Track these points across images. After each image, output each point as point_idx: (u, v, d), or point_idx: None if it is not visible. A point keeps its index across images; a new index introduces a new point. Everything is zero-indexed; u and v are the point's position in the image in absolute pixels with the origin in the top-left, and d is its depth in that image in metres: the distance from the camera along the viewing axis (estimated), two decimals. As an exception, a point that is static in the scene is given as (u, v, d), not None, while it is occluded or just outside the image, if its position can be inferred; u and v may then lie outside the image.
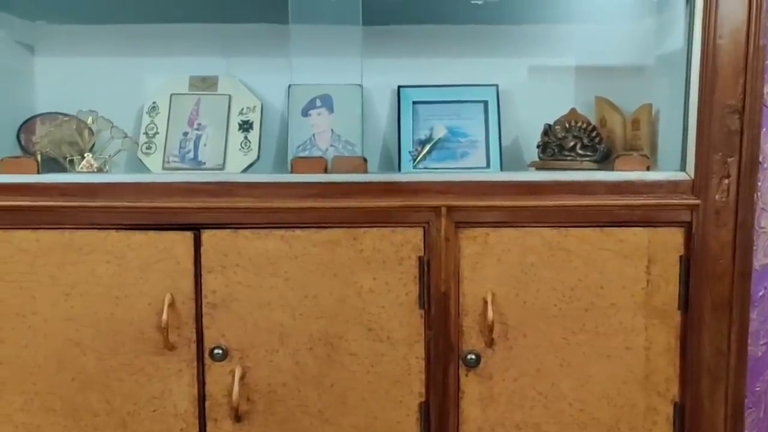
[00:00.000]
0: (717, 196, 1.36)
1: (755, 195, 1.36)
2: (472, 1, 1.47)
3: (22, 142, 1.56)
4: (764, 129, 1.38)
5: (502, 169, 1.58)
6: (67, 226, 1.37)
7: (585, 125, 1.50)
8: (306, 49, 1.51)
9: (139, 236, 1.37)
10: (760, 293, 1.42)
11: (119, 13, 1.58)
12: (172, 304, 1.37)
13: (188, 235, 1.38)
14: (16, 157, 1.43)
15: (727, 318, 1.38)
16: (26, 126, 1.57)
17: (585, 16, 1.58)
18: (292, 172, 1.42)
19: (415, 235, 1.37)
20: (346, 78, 1.60)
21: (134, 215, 1.37)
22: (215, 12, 1.59)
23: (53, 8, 1.57)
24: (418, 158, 1.60)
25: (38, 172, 1.40)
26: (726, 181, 1.36)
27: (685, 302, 1.38)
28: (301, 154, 1.60)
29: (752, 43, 1.33)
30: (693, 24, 1.36)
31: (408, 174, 1.48)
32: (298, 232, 1.37)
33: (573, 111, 1.55)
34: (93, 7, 1.57)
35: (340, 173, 1.41)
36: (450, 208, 1.36)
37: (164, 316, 1.35)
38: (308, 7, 1.47)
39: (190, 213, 1.37)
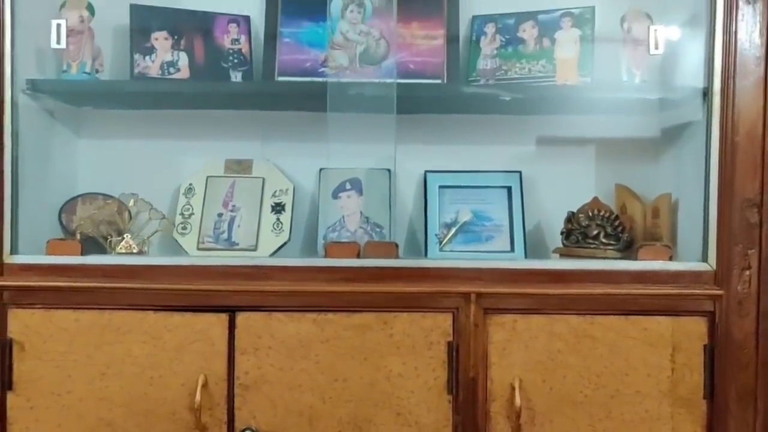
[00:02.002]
0: (739, 287, 1.40)
1: (776, 286, 1.40)
2: (500, 98, 1.55)
3: (63, 222, 1.62)
4: (783, 222, 1.42)
5: (526, 254, 1.62)
6: (106, 307, 1.41)
7: (608, 214, 1.55)
8: (341, 135, 1.58)
9: (176, 317, 1.41)
10: (785, 383, 1.44)
11: (160, 99, 1.67)
12: (205, 385, 1.40)
13: (223, 317, 1.42)
14: (62, 239, 1.48)
15: (752, 408, 1.39)
16: (68, 206, 1.63)
17: (605, 107, 1.65)
18: (326, 256, 1.47)
19: (445, 320, 1.41)
20: (377, 163, 1.67)
21: (172, 297, 1.41)
22: (255, 100, 1.67)
23: (99, 95, 1.66)
24: (445, 241, 1.65)
25: (82, 254, 1.45)
26: (747, 272, 1.40)
27: (711, 391, 1.40)
28: (331, 236, 1.65)
29: (768, 140, 1.40)
30: (711, 121, 1.43)
31: (438, 260, 1.52)
32: (330, 315, 1.41)
33: (596, 199, 1.60)
34: (136, 94, 1.65)
35: (372, 258, 1.45)
36: (479, 295, 1.40)
37: (197, 397, 1.38)
38: (346, 97, 1.54)
39: (225, 295, 1.42)
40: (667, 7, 1.63)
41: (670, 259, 1.46)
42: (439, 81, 1.66)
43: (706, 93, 1.44)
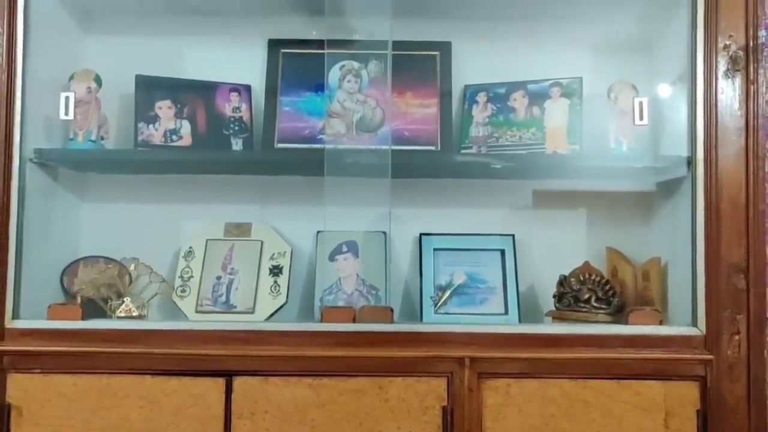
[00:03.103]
0: (729, 352, 1.42)
1: (765, 351, 1.42)
2: (492, 166, 1.60)
3: (65, 285, 1.64)
4: (769, 287, 1.46)
5: (520, 316, 1.65)
6: (104, 371, 1.43)
7: (599, 278, 1.59)
8: (338, 199, 1.62)
9: (173, 381, 1.43)
10: (778, 448, 1.45)
11: (163, 165, 1.71)
12: (201, 451, 1.40)
13: (220, 382, 1.43)
14: (63, 304, 1.51)
15: (746, 474, 1.40)
16: (70, 269, 1.66)
17: (595, 173, 1.70)
18: (322, 321, 1.49)
19: (439, 384, 1.42)
20: (373, 226, 1.71)
21: (170, 361, 1.43)
22: (255, 166, 1.72)
23: (102, 161, 1.71)
24: (440, 303, 1.67)
25: (82, 318, 1.48)
26: (736, 337, 1.42)
27: (705, 457, 1.40)
28: (328, 298, 1.68)
29: (752, 207, 1.44)
30: (696, 189, 1.48)
31: (433, 324, 1.54)
32: (325, 380, 1.43)
33: (587, 264, 1.64)
34: (139, 160, 1.70)
35: (368, 323, 1.48)
36: (473, 359, 1.42)
37: (193, 463, 1.38)
38: (342, 162, 1.59)
39: (223, 360, 1.43)
40: (652, 78, 1.70)
41: (661, 323, 1.48)
42: (433, 148, 1.72)
43: (691, 161, 1.49)
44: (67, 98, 1.51)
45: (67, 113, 1.51)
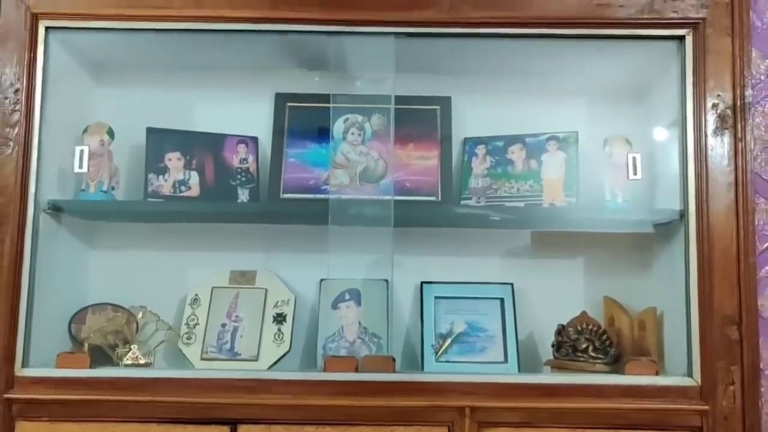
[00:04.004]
0: (724, 402, 1.45)
1: (759, 402, 1.45)
2: (491, 217, 1.65)
3: (73, 332, 1.67)
4: (761, 338, 1.49)
5: (519, 365, 1.67)
6: (110, 419, 1.46)
7: (596, 328, 1.62)
8: (341, 247, 1.66)
9: (178, 430, 1.45)
10: (775, 499, 1.47)
11: (171, 215, 1.76)
12: (204, 500, 1.42)
13: (225, 430, 1.45)
14: (71, 353, 1.54)
15: None
16: (78, 316, 1.69)
17: (592, 224, 1.75)
18: (325, 370, 1.52)
19: (440, 434, 1.45)
20: (375, 274, 1.75)
21: (176, 409, 1.46)
22: (261, 215, 1.78)
23: (113, 212, 1.76)
24: (440, 351, 1.70)
25: (90, 367, 1.51)
26: (731, 387, 1.45)
27: (703, 508, 1.42)
28: (330, 345, 1.71)
29: (743, 260, 1.49)
30: (688, 241, 1.52)
31: (434, 374, 1.57)
32: (328, 429, 1.45)
33: (584, 314, 1.68)
34: (149, 210, 1.75)
35: (370, 372, 1.51)
36: (473, 409, 1.45)
37: None
38: (346, 212, 1.65)
39: (227, 408, 1.46)
40: (646, 132, 1.76)
41: (657, 373, 1.51)
42: (433, 198, 1.77)
43: (683, 215, 1.55)
44: (81, 152, 1.57)
45: (81, 166, 1.57)
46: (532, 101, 1.86)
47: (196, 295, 1.76)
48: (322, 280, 1.78)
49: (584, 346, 1.60)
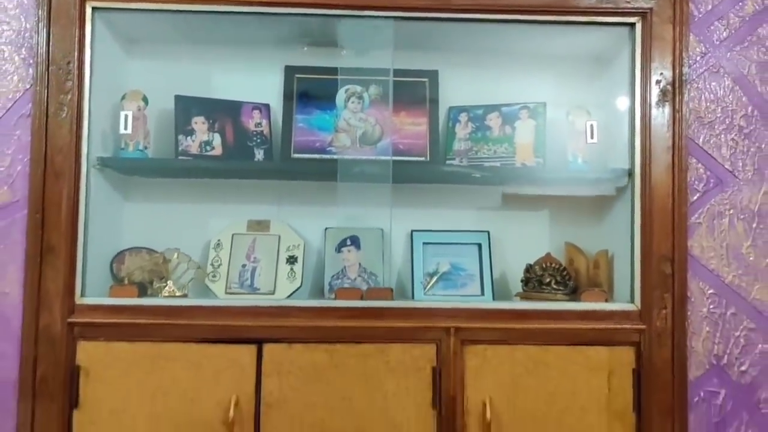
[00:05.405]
0: (658, 323, 1.79)
1: (686, 323, 1.80)
2: (472, 175, 1.96)
3: (114, 271, 1.95)
4: (689, 273, 1.83)
5: (494, 297, 2.00)
6: (156, 339, 1.74)
7: (558, 266, 1.95)
8: (346, 200, 1.95)
9: (213, 348, 1.74)
10: (695, 400, 1.82)
11: (197, 171, 2.03)
12: (237, 404, 1.72)
13: (252, 348, 1.75)
14: (121, 285, 1.82)
15: (670, 420, 1.77)
16: (118, 257, 1.97)
17: (557, 180, 2.06)
18: (335, 299, 1.83)
19: (430, 349, 1.76)
20: (373, 223, 2.05)
21: (210, 331, 1.75)
22: (274, 173, 2.06)
23: (149, 168, 2.02)
24: (428, 287, 2.02)
25: (138, 296, 1.79)
26: (664, 311, 1.80)
27: (638, 407, 1.77)
28: (335, 282, 2.01)
29: (677, 210, 1.81)
30: (634, 195, 1.84)
31: (424, 302, 1.89)
32: (338, 346, 1.76)
33: (548, 255, 2.00)
34: (179, 167, 2.02)
35: (372, 300, 1.82)
36: (457, 329, 1.76)
37: (231, 414, 1.70)
38: (351, 170, 1.93)
39: (254, 330, 1.75)
40: (602, 103, 2.06)
41: (606, 301, 1.85)
42: (423, 159, 2.07)
43: (631, 173, 1.86)
44: (126, 116, 1.83)
45: (126, 128, 1.83)
46: (507, 76, 2.15)
47: (219, 240, 2.04)
48: (326, 228, 2.07)
49: (548, 280, 1.93)
